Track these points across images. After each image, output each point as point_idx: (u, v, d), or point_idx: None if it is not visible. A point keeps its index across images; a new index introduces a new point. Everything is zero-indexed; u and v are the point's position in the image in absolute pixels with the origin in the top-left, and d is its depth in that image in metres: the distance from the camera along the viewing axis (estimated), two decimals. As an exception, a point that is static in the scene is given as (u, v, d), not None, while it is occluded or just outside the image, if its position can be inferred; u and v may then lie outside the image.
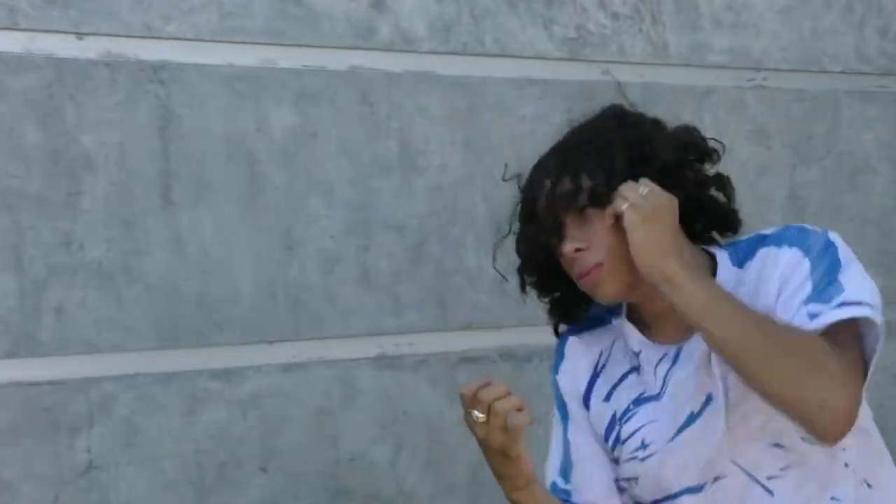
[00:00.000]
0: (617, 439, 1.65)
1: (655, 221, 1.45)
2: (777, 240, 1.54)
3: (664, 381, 1.58)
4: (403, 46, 2.45)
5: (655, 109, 2.70)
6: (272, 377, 2.35)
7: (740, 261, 1.56)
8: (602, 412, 1.68)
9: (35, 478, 2.16)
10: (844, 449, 1.50)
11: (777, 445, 1.52)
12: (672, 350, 1.58)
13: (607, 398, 1.67)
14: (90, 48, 2.19)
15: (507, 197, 2.55)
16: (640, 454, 1.60)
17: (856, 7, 2.97)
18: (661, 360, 1.59)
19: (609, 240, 1.52)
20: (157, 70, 2.24)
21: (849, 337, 1.45)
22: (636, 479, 1.62)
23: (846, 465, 1.54)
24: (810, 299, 1.44)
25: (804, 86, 2.91)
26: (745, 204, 2.83)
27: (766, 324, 1.41)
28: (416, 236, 2.47)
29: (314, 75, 2.37)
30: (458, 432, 2.52)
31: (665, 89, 2.73)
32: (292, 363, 2.36)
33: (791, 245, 1.51)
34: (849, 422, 1.38)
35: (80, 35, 2.18)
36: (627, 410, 1.63)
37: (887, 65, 3.02)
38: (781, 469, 1.52)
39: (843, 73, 2.96)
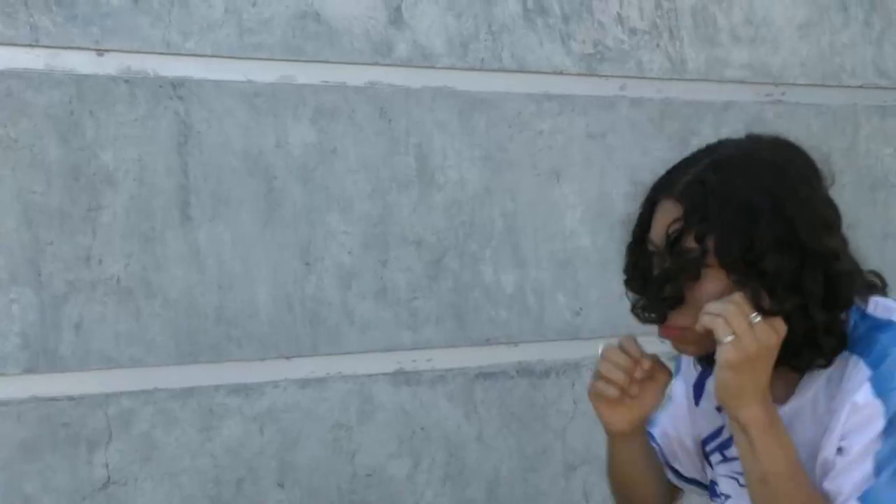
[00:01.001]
0: (721, 449, 1.54)
1: (757, 364, 1.27)
2: (874, 358, 1.32)
3: None
4: (421, 62, 2.46)
5: (673, 125, 2.72)
6: (290, 392, 2.35)
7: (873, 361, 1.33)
8: (707, 412, 1.56)
9: (54, 492, 2.16)
10: None
11: None
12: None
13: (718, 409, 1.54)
14: (110, 64, 2.20)
15: (525, 211, 2.56)
16: (742, 479, 1.48)
17: (874, 22, 2.96)
18: None
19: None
20: (177, 86, 2.25)
21: None
22: (728, 497, 1.53)
23: None
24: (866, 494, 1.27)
25: (823, 100, 2.91)
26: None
27: None
28: (435, 251, 2.47)
29: (333, 91, 2.37)
30: (476, 448, 2.52)
31: (683, 105, 2.73)
32: (310, 378, 2.37)
33: (878, 389, 1.30)
34: None
35: (100, 52, 2.20)
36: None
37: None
38: None
39: (861, 87, 2.95)
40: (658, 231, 1.37)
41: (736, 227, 1.30)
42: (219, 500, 2.29)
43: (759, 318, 1.27)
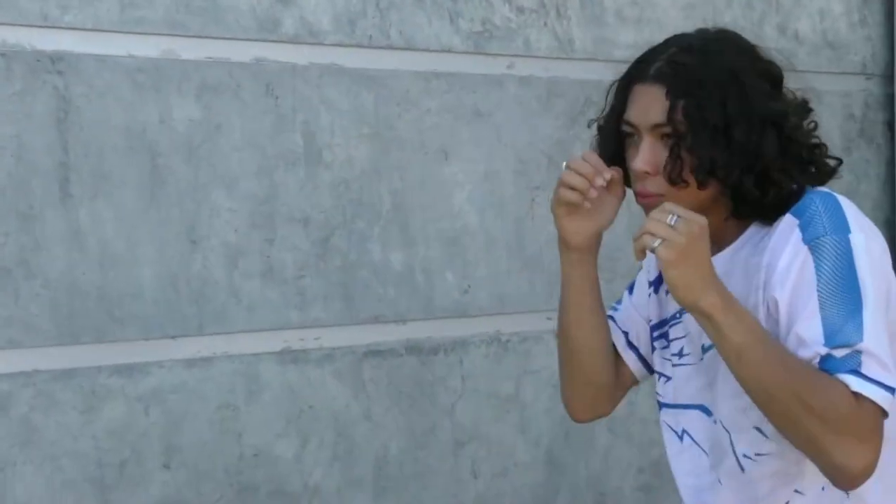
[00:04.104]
0: (664, 336, 1.66)
1: (691, 254, 1.37)
2: (799, 211, 1.46)
3: None
4: (308, 39, 2.43)
5: (560, 104, 2.74)
6: (175, 372, 2.32)
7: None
8: (662, 302, 1.68)
9: (-71, 478, 2.11)
10: None
11: (758, 430, 1.52)
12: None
13: (668, 293, 1.64)
14: (-15, 37, 2.14)
15: (414, 190, 2.56)
16: (676, 360, 1.63)
17: (755, 4, 3.02)
18: None
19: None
20: (55, 61, 2.19)
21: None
22: (668, 378, 1.65)
23: None
24: (825, 343, 1.38)
25: (706, 81, 2.96)
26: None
27: (795, 378, 1.36)
28: (322, 230, 2.46)
29: (217, 67, 2.34)
30: (364, 426, 2.52)
31: (570, 83, 2.75)
32: (196, 358, 2.34)
33: (805, 236, 1.43)
34: (866, 477, 1.38)
35: (-26, 24, 2.13)
36: (676, 315, 1.63)
37: (785, 61, 3.08)
38: (756, 454, 1.53)
39: (743, 68, 3.01)
40: (638, 112, 1.49)
41: (710, 103, 1.44)
42: (102, 484, 2.25)
43: (675, 219, 1.39)
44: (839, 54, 3.17)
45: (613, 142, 1.56)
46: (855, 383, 1.35)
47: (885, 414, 1.37)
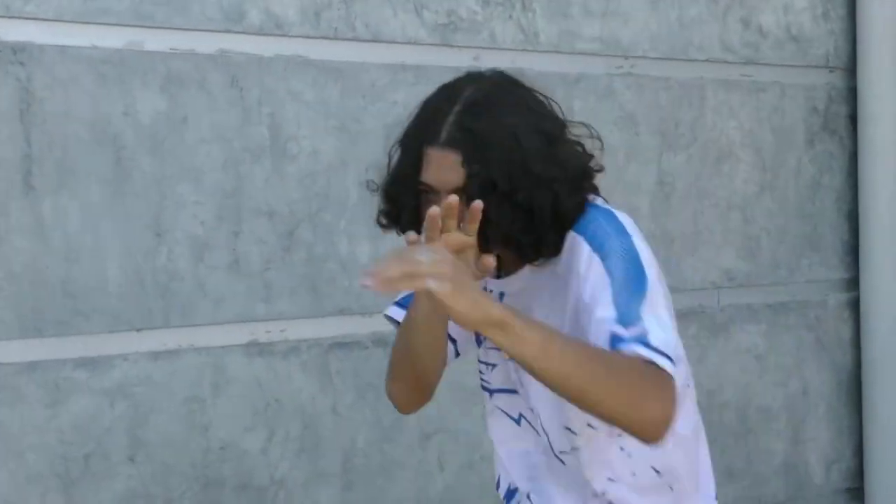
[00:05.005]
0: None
1: (458, 278, 1.37)
2: (582, 228, 1.57)
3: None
4: (274, 30, 2.43)
5: (526, 96, 2.75)
6: (140, 365, 2.31)
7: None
8: None
9: None
10: (620, 435, 1.62)
11: (567, 429, 1.65)
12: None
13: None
14: (-54, 28, 2.12)
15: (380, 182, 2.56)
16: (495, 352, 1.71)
17: (720, -2, 3.04)
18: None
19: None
20: (17, 51, 2.17)
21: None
22: (495, 365, 1.72)
23: (621, 448, 1.66)
24: (618, 322, 1.48)
25: (671, 74, 2.97)
26: (614, 189, 2.89)
27: (596, 356, 1.45)
28: (288, 223, 2.45)
29: (183, 59, 2.33)
30: (331, 419, 2.52)
31: (535, 76, 2.74)
32: (161, 351, 2.33)
33: (593, 246, 1.54)
34: (666, 428, 1.46)
35: (-65, 14, 2.11)
36: None
37: (750, 54, 3.10)
38: (572, 448, 1.66)
39: (708, 61, 3.03)
40: (437, 176, 1.55)
41: (498, 170, 1.52)
42: (67, 477, 2.23)
43: (426, 255, 1.38)
44: (803, 48, 3.19)
45: (412, 199, 1.60)
46: (644, 352, 1.44)
47: (672, 377, 1.46)
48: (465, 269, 1.41)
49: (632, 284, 1.50)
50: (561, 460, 1.68)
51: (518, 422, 1.74)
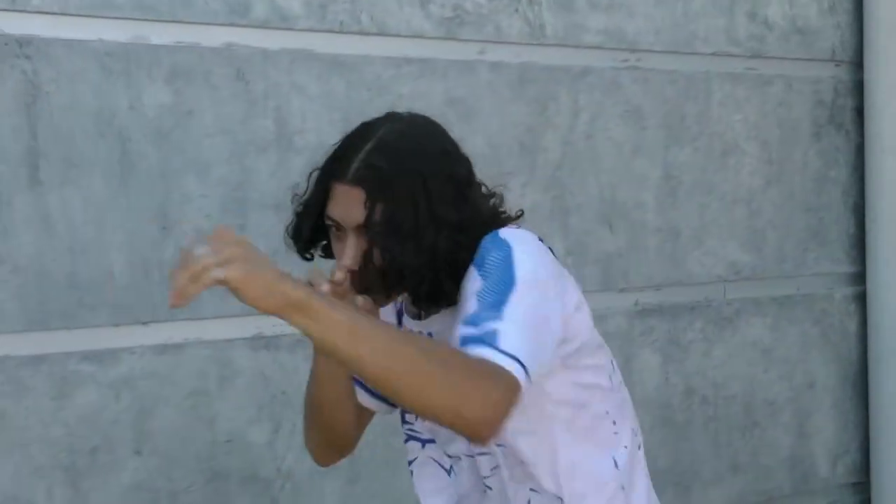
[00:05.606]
0: None
1: (249, 258, 1.31)
2: (476, 261, 1.53)
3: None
4: (279, 24, 2.43)
5: (532, 90, 2.75)
6: (146, 358, 2.31)
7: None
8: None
9: None
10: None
11: (484, 453, 1.63)
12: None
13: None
14: (-48, 21, 2.12)
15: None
16: None
17: (726, -10, 3.04)
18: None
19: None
20: (23, 45, 2.17)
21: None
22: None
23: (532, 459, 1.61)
24: (470, 322, 1.43)
25: (677, 67, 2.97)
26: (621, 184, 2.89)
27: (412, 343, 1.38)
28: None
29: (188, 52, 2.33)
30: (336, 412, 2.52)
31: (541, 70, 2.76)
32: (167, 344, 2.33)
33: (475, 263, 1.52)
34: (489, 431, 1.38)
35: (-59, 7, 2.11)
36: None
37: (756, 47, 3.10)
38: (492, 469, 1.64)
39: (713, 55, 3.03)
40: (341, 211, 1.56)
41: (403, 211, 1.51)
42: (73, 470, 2.24)
43: (203, 250, 1.30)
44: (809, 41, 3.19)
45: (311, 230, 1.64)
46: (487, 352, 1.37)
47: (518, 383, 1.38)
48: (257, 252, 1.32)
49: (496, 288, 1.45)
50: (488, 486, 1.65)
51: (449, 472, 1.71)
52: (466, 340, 1.39)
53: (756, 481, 3.16)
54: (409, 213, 1.51)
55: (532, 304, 1.44)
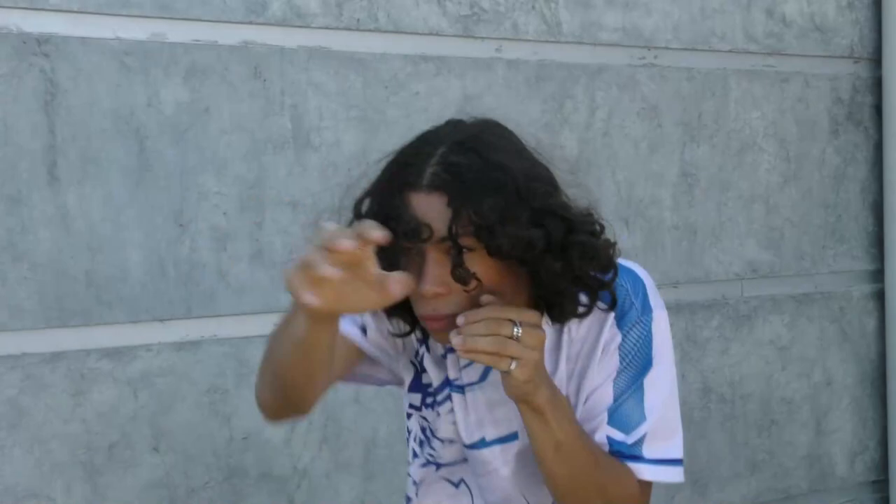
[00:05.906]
0: (431, 405, 1.60)
1: (538, 365, 1.33)
2: (609, 297, 1.45)
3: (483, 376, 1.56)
4: (296, 21, 2.43)
5: (549, 87, 2.74)
6: (164, 355, 2.32)
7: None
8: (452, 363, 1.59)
9: (-83, 462, 2.10)
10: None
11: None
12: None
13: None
14: (-29, 20, 2.13)
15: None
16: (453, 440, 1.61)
17: (744, -13, 3.02)
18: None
19: (470, 300, 1.37)
20: (42, 43, 2.18)
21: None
22: (450, 441, 1.60)
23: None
24: (610, 423, 1.45)
25: (694, 64, 2.96)
26: (637, 181, 2.89)
27: (600, 469, 1.43)
28: (311, 213, 2.45)
29: (205, 50, 2.33)
30: (353, 409, 2.53)
31: (558, 67, 2.75)
32: (184, 341, 2.34)
33: (617, 314, 1.46)
34: None
35: (-41, 6, 2.12)
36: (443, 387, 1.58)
37: (773, 44, 3.08)
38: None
39: (731, 52, 3.02)
40: (423, 223, 1.35)
41: (495, 211, 1.33)
42: (91, 466, 2.25)
43: (519, 330, 1.31)
44: (827, 37, 3.17)
45: (389, 254, 1.35)
46: (642, 471, 1.44)
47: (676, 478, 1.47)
48: (543, 345, 1.34)
49: (635, 376, 1.45)
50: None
51: (457, 485, 1.67)
52: (614, 444, 1.45)
53: (774, 479, 3.15)
54: (503, 219, 1.33)
55: (670, 382, 1.49)
